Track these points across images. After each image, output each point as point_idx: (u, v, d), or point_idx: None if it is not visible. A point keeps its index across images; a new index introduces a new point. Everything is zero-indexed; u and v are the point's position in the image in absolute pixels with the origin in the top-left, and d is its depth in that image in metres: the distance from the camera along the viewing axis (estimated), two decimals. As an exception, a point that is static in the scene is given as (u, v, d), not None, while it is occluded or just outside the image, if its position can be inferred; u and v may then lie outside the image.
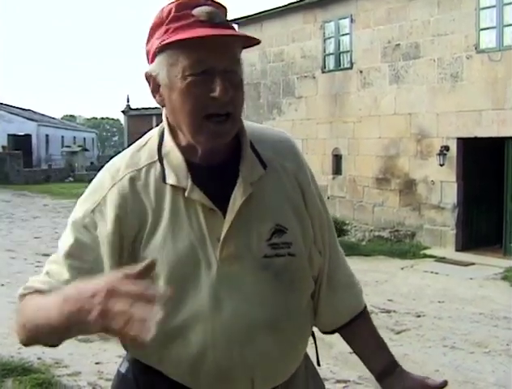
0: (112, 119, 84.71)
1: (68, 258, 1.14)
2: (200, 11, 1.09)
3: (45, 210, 15.28)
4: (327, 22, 12.06)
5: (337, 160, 12.01)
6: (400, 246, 10.07)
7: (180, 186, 1.13)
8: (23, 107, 38.94)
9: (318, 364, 1.35)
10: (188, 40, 1.05)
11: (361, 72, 11.34)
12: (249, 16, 13.16)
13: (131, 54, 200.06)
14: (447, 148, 9.78)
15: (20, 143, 29.49)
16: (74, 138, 38.60)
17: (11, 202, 17.04)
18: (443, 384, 1.24)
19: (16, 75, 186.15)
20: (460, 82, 9.63)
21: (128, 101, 27.06)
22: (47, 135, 34.58)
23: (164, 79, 1.11)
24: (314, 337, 1.33)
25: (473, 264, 8.86)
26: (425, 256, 9.49)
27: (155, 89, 1.15)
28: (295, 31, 12.72)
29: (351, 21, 11.52)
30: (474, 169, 9.68)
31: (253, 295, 1.13)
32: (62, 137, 36.97)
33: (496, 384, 4.23)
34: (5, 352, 4.42)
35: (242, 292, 1.13)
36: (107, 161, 1.26)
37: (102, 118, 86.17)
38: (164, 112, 1.18)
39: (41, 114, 39.97)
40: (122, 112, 27.21)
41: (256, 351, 1.13)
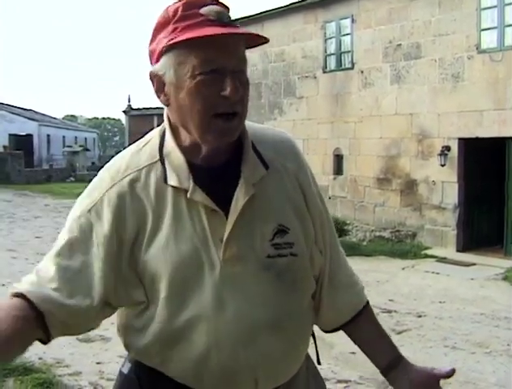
0: (113, 119, 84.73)
1: (58, 256, 1.15)
2: (209, 10, 1.08)
3: (46, 210, 15.28)
4: (328, 22, 12.05)
5: (338, 160, 12.01)
6: (401, 246, 10.06)
7: (182, 188, 1.12)
8: (25, 107, 39.01)
9: (319, 363, 1.35)
10: (198, 38, 1.04)
11: (362, 72, 11.33)
12: (250, 16, 13.14)
13: (132, 54, 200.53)
14: (448, 148, 9.77)
15: (21, 143, 29.53)
16: (75, 138, 38.65)
17: (12, 202, 17.04)
18: (450, 372, 1.23)
19: (17, 75, 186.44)
20: (461, 82, 9.62)
21: (129, 101, 27.18)
22: (48, 135, 34.64)
23: (171, 78, 1.10)
24: (314, 336, 1.34)
25: (474, 264, 8.85)
26: (426, 256, 9.48)
27: (159, 89, 1.14)
28: (296, 31, 12.71)
29: (352, 21, 11.51)
30: (475, 170, 9.67)
31: (255, 295, 1.13)
32: (64, 137, 37.03)
33: (497, 384, 4.22)
34: (6, 351, 4.41)
35: (245, 292, 1.13)
36: (108, 161, 1.25)
37: (103, 118, 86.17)
38: (166, 112, 1.17)
39: (43, 114, 40.00)
40: (123, 112, 27.26)
41: (259, 351, 1.13)
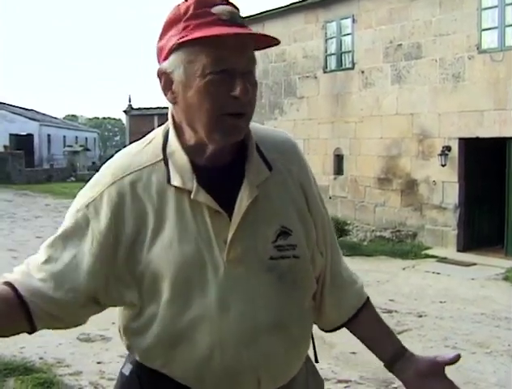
0: (113, 119, 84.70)
1: (51, 247, 1.16)
2: (221, 10, 1.08)
3: (47, 209, 15.29)
4: (329, 22, 12.06)
5: (338, 160, 12.01)
6: (402, 246, 10.06)
7: (185, 188, 1.11)
8: (26, 107, 39.02)
9: (316, 361, 1.36)
10: (210, 37, 1.04)
11: (363, 72, 11.33)
12: (251, 16, 13.12)
13: (133, 54, 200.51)
14: (449, 148, 9.77)
15: (22, 143, 29.57)
16: (75, 137, 38.66)
17: (13, 201, 17.06)
18: (455, 358, 1.22)
19: (18, 75, 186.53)
20: (462, 82, 9.62)
21: (130, 101, 27.26)
22: (49, 135, 34.66)
23: (181, 76, 1.09)
24: (312, 335, 1.34)
25: (475, 264, 8.85)
26: (427, 256, 9.48)
27: (167, 86, 1.12)
28: (297, 31, 12.72)
29: (353, 21, 11.51)
30: (476, 170, 9.67)
31: (258, 296, 1.13)
32: (64, 137, 37.04)
33: (497, 384, 4.23)
34: (7, 351, 4.42)
35: (248, 293, 1.12)
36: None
37: (104, 118, 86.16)
38: (170, 111, 1.17)
39: (43, 114, 40.01)
40: (124, 112, 27.30)
41: (261, 351, 1.13)
